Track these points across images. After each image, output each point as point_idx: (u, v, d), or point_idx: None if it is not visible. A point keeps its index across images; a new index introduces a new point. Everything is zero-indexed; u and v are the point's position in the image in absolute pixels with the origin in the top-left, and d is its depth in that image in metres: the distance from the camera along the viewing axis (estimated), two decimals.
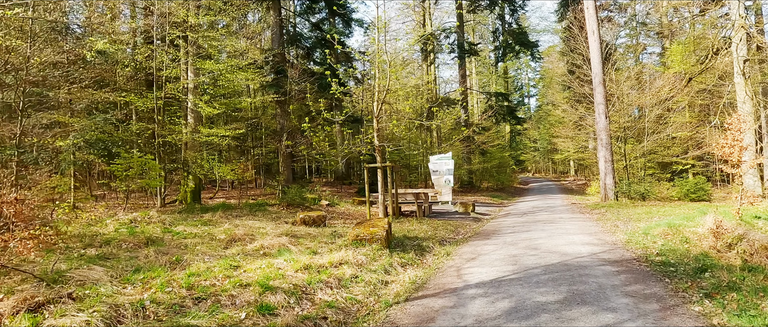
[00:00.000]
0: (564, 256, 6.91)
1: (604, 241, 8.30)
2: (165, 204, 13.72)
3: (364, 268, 6.22)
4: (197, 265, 5.66)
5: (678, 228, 9.39)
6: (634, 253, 7.15)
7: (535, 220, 12.22)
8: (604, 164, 18.20)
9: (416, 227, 10.73)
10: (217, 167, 13.75)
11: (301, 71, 22.71)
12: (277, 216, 11.50)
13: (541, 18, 72.59)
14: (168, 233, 7.73)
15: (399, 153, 25.38)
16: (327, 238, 8.18)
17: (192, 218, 10.03)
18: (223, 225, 8.99)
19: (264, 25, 25.05)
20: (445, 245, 8.78)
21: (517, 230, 10.27)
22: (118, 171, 10.56)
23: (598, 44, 18.55)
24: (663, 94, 19.50)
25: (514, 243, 8.39)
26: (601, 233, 9.41)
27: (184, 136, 14.56)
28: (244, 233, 7.73)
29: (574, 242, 8.18)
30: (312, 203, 14.70)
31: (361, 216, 13.44)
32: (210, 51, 13.99)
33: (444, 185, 18.54)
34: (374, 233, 7.53)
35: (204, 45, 14.22)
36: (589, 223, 11.22)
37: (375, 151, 12.79)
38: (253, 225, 9.54)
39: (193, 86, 15.19)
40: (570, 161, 51.56)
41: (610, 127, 18.57)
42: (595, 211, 14.68)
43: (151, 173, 10.84)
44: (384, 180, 12.71)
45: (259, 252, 6.64)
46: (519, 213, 15.12)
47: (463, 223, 12.53)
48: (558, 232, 9.64)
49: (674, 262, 6.37)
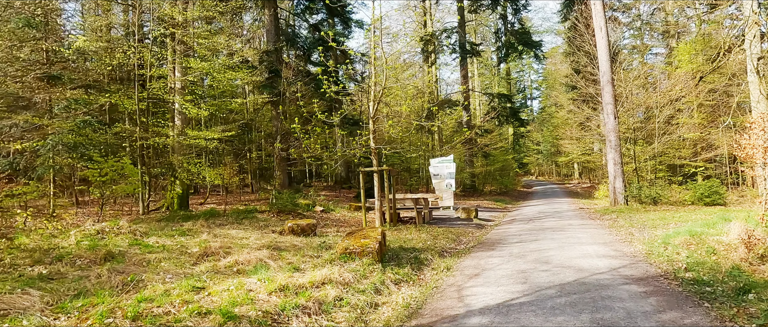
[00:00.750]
0: (580, 272, 6.07)
1: (623, 253, 7.46)
2: (149, 211, 12.94)
3: (352, 287, 5.40)
4: (154, 287, 4.84)
5: (700, 236, 8.55)
6: (659, 268, 6.30)
7: (542, 228, 11.37)
8: (613, 167, 17.34)
9: (414, 236, 9.90)
10: (206, 172, 12.96)
11: (298, 72, 22.00)
12: (265, 224, 10.69)
13: (543, 19, 71.81)
14: (136, 246, 6.92)
15: (399, 156, 24.59)
16: (313, 250, 7.36)
17: (171, 227, 9.23)
18: (202, 235, 8.19)
19: (259, 25, 24.32)
20: (446, 257, 7.95)
21: (525, 239, 9.42)
22: (93, 176, 9.78)
23: (606, 41, 17.72)
24: (674, 94, 18.66)
25: (521, 255, 7.55)
26: (617, 243, 8.56)
27: (171, 139, 13.81)
28: (220, 246, 6.92)
29: (588, 254, 7.34)
30: (305, 209, 13.89)
31: (357, 223, 12.62)
32: (198, 50, 13.22)
33: (445, 189, 17.70)
34: (365, 245, 6.71)
35: (193, 43, 13.46)
36: (602, 231, 10.37)
37: (371, 154, 12.00)
38: (235, 235, 8.74)
39: (180, 86, 14.43)
40: (574, 164, 50.67)
41: (619, 129, 17.72)
42: (605, 216, 13.82)
43: (128, 179, 10.05)
44: (381, 185, 11.90)
45: (232, 269, 5.83)
46: (525, 219, 14.27)
47: (466, 231, 11.70)
48: (569, 241, 8.79)
49: (708, 279, 5.54)
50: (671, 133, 19.67)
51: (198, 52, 13.15)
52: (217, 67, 12.82)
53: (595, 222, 12.51)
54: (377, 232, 7.35)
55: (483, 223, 13.91)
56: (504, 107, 26.85)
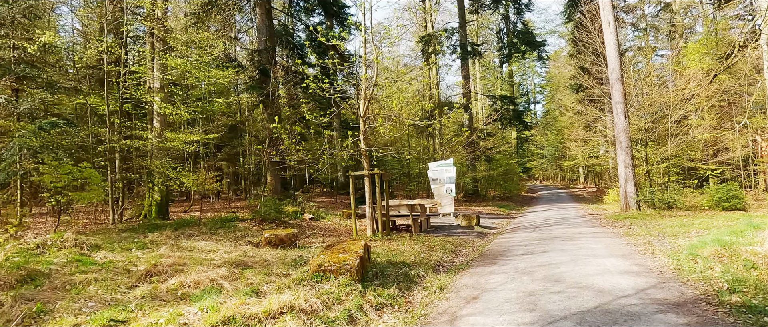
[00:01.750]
0: (601, 295, 4.99)
1: (647, 268, 6.37)
2: (122, 219, 11.93)
3: (319, 317, 4.34)
4: (62, 320, 3.81)
5: (732, 247, 7.46)
6: (695, 289, 5.22)
7: (550, 237, 10.27)
8: (624, 170, 16.23)
9: (407, 247, 8.83)
10: (184, 177, 11.95)
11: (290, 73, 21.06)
12: (242, 234, 9.64)
13: (545, 21, 70.87)
14: (75, 263, 5.90)
15: (397, 160, 23.55)
16: (284, 266, 6.31)
17: (133, 238, 8.20)
18: (161, 249, 7.15)
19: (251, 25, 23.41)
20: (441, 273, 6.88)
21: (531, 251, 8.33)
22: (50, 183, 8.78)
23: (615, 37, 16.68)
24: (688, 91, 17.56)
25: (529, 271, 6.47)
26: (638, 255, 7.47)
27: (148, 142, 12.82)
28: (173, 263, 5.88)
29: (607, 270, 6.25)
30: (292, 217, 12.84)
31: (347, 232, 11.57)
32: (176, 45, 12.24)
33: (445, 195, 16.61)
34: (343, 262, 5.66)
35: (171, 40, 12.48)
36: (617, 241, 9.27)
37: (362, 157, 10.97)
38: (202, 248, 7.70)
39: (159, 86, 13.46)
40: (579, 168, 49.50)
41: (630, 129, 16.61)
42: (618, 223, 12.71)
43: (90, 185, 9.04)
44: (372, 190, 10.86)
45: (175, 293, 4.79)
46: (530, 226, 13.17)
47: (466, 241, 10.61)
48: (582, 253, 7.71)
49: (760, 304, 4.46)
50: (684, 134, 18.54)
51: (177, 48, 12.17)
52: (195, 63, 11.83)
53: (607, 230, 11.40)
54: (359, 245, 6.29)
55: (485, 231, 12.82)
56: (507, 110, 25.79)
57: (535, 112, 65.37)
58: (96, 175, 9.01)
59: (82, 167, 8.76)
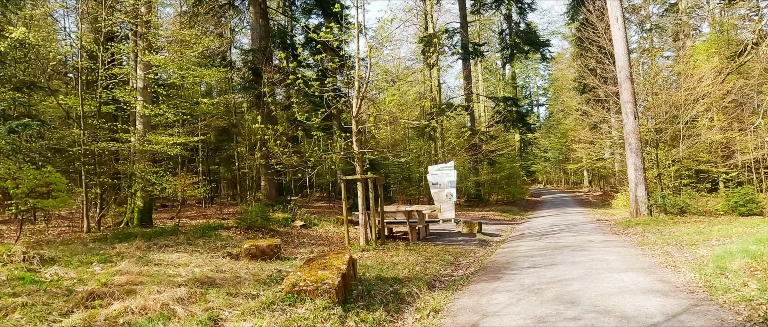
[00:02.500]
0: (625, 322, 4.18)
1: (673, 286, 5.55)
2: (100, 227, 11.18)
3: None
4: None
5: (762, 258, 6.65)
6: (737, 313, 4.40)
7: (558, 246, 9.45)
8: (634, 173, 15.39)
9: (402, 258, 8.04)
10: (167, 182, 11.21)
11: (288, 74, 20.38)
12: (223, 244, 8.87)
13: (548, 22, 70.12)
14: (16, 281, 5.13)
15: (398, 164, 22.77)
16: (256, 285, 5.52)
17: (98, 250, 7.44)
18: (123, 263, 6.38)
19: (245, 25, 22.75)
20: (437, 291, 6.08)
21: (539, 263, 7.52)
22: (13, 189, 8.04)
23: (623, 33, 15.88)
24: (701, 90, 16.74)
25: (537, 289, 5.66)
26: (659, 269, 6.65)
27: (129, 145, 12.10)
28: (128, 281, 5.11)
29: (628, 288, 5.44)
30: (282, 224, 12.06)
31: (340, 240, 10.78)
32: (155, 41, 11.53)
33: (445, 200, 15.80)
34: (322, 280, 4.87)
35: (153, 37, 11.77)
36: (633, 251, 8.45)
37: (355, 160, 10.21)
38: (173, 260, 6.93)
39: (143, 85, 12.75)
40: (584, 171, 48.63)
41: (640, 130, 15.78)
42: (630, 230, 11.88)
43: (55, 191, 8.30)
44: (365, 195, 10.08)
45: (115, 321, 4.01)
46: (536, 233, 12.35)
47: (467, 250, 9.81)
48: (596, 266, 6.89)
49: None
50: (697, 135, 17.69)
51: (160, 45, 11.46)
52: (178, 62, 11.09)
53: (619, 238, 10.57)
54: (342, 260, 5.50)
55: (488, 238, 12.01)
56: (510, 112, 25.00)
57: (539, 114, 64.57)
58: (61, 180, 8.26)
59: (46, 172, 8.01)
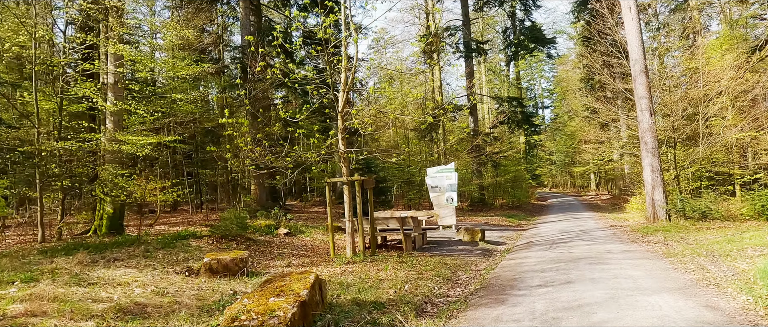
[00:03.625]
0: None
1: (726, 314, 4.35)
2: (61, 236, 10.09)
3: None
4: None
5: None
6: None
7: (572, 258, 8.24)
8: (650, 174, 14.16)
9: (390, 274, 6.88)
10: (135, 186, 10.13)
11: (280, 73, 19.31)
12: (187, 256, 7.74)
13: (553, 21, 68.67)
14: None
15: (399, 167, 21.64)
16: (193, 316, 4.36)
17: (33, 265, 6.33)
18: (43, 283, 5.25)
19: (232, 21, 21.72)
20: (426, 318, 4.90)
21: (551, 280, 6.32)
22: None
23: (637, 24, 14.70)
24: (722, 85, 15.52)
25: (552, 319, 4.47)
26: (699, 289, 5.44)
27: (98, 145, 11.03)
28: (26, 310, 3.99)
29: (669, 317, 4.23)
30: (264, 232, 10.93)
31: (326, 250, 9.63)
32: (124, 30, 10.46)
33: (445, 205, 14.64)
34: (271, 311, 3.71)
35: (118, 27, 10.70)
36: (660, 264, 7.24)
37: (341, 160, 9.08)
38: (115, 279, 5.80)
39: (113, 81, 11.69)
40: (591, 174, 47.32)
41: (655, 128, 14.56)
42: (649, 238, 10.65)
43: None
44: (352, 200, 8.94)
45: None
46: (545, 242, 11.14)
47: (467, 261, 8.62)
48: (622, 285, 5.69)
49: None
50: (718, 134, 16.44)
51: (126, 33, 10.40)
52: (148, 54, 10.02)
53: (640, 247, 9.36)
54: (305, 282, 4.34)
55: (491, 247, 10.81)
56: (514, 112, 23.80)
57: (544, 116, 63.17)
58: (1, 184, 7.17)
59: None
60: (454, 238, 12.13)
